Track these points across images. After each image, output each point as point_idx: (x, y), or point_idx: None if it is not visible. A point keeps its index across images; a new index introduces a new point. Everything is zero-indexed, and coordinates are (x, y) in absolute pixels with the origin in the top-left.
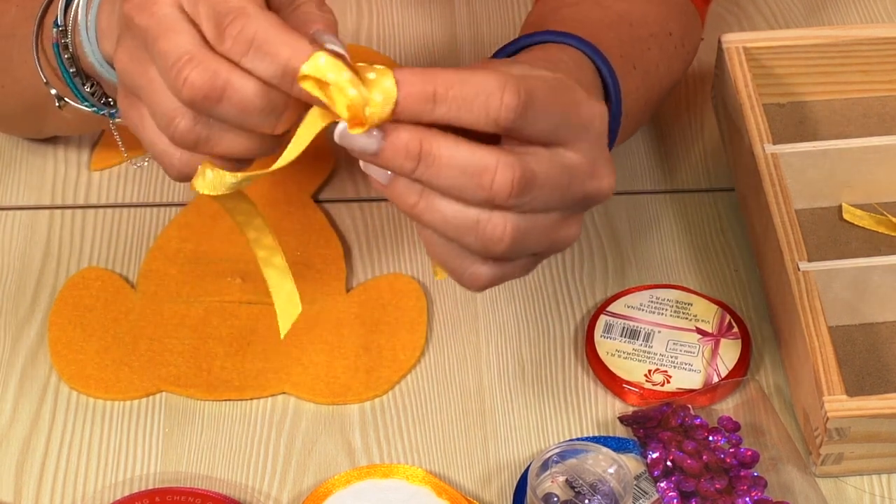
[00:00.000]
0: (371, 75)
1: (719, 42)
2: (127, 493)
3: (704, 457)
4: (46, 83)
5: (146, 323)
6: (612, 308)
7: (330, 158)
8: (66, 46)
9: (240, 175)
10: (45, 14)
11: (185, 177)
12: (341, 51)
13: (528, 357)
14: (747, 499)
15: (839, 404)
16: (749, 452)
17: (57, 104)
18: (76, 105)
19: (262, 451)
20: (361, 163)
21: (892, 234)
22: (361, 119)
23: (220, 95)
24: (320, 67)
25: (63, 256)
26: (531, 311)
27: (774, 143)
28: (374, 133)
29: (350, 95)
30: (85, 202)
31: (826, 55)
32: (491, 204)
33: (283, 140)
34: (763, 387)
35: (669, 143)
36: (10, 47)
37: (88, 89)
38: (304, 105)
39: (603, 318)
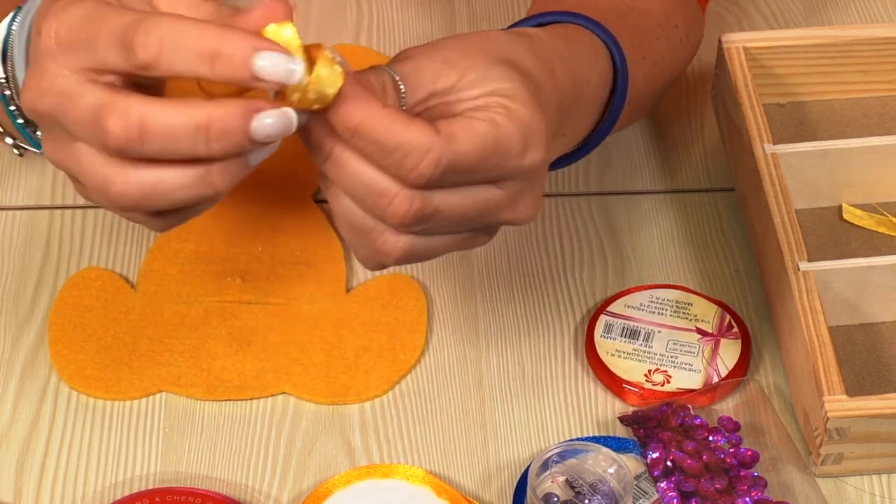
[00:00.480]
0: (323, 71)
1: (719, 42)
2: (127, 493)
3: (704, 457)
4: (2, 133)
5: (146, 323)
6: (612, 308)
7: None
8: (12, 98)
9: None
10: None
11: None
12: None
13: (528, 357)
14: (747, 499)
15: (839, 404)
16: (749, 452)
17: (16, 152)
18: (34, 150)
19: (262, 451)
20: None
21: (892, 234)
22: (284, 98)
23: (141, 134)
24: (278, 36)
25: (63, 256)
26: (531, 311)
27: (774, 143)
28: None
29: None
30: (85, 202)
31: (826, 55)
32: (385, 224)
33: (230, 178)
34: (763, 387)
35: (669, 143)
36: None
37: (40, 136)
38: (237, 116)
39: (603, 318)
